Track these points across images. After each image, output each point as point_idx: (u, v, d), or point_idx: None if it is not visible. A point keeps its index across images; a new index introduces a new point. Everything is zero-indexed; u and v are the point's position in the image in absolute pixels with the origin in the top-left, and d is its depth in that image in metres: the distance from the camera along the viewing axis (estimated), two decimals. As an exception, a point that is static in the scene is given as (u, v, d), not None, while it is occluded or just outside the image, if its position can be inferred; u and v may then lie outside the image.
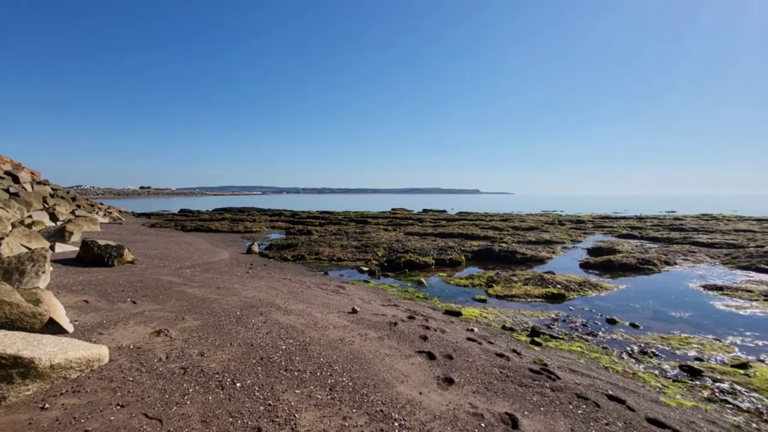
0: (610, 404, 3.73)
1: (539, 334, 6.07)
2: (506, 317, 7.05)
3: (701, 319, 7.10)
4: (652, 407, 3.82)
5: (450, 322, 6.52)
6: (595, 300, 8.32)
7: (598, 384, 4.25)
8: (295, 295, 7.44)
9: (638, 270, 11.29)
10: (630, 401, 3.84)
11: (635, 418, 3.50)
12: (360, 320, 5.95)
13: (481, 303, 8.13)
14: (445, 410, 3.36)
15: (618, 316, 7.07)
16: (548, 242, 17.25)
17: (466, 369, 4.32)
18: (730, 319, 7.05)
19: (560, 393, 3.85)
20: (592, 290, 8.91)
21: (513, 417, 3.28)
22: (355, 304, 7.04)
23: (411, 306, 7.50)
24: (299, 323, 5.52)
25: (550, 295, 8.49)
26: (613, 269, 11.42)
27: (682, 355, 5.47)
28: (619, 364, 5.07)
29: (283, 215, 33.74)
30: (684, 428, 3.43)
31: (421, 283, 9.76)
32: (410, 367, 4.28)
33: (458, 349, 4.96)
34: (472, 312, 7.25)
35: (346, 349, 4.64)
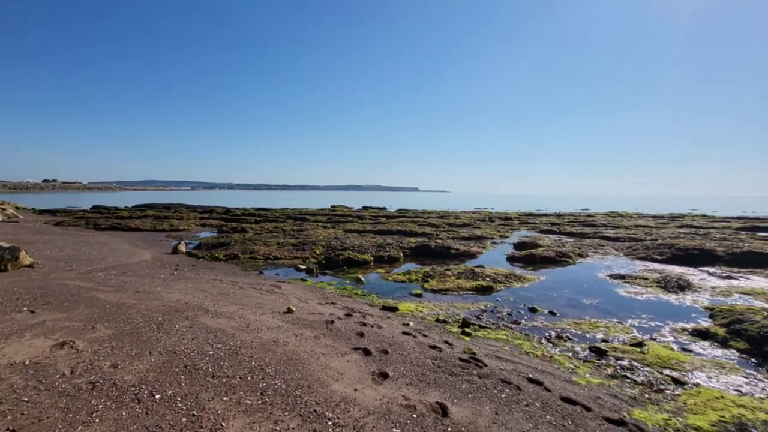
0: (530, 387, 4.05)
1: (469, 324, 6.41)
2: (440, 310, 7.34)
3: (607, 304, 7.99)
4: (566, 387, 4.22)
5: (387, 317, 6.62)
6: (520, 291, 8.99)
7: (520, 368, 4.60)
8: (226, 296, 7.05)
9: (556, 262, 12.41)
10: (547, 383, 4.21)
11: (551, 397, 3.84)
12: (296, 320, 5.80)
13: (417, 297, 8.37)
14: (379, 405, 3.41)
15: (539, 305, 7.71)
16: (479, 238, 18.27)
17: (401, 362, 4.42)
18: (630, 304, 8.02)
19: (486, 379, 4.09)
20: (516, 282, 9.61)
21: (443, 406, 3.42)
22: (291, 303, 6.86)
23: (349, 303, 7.49)
24: (230, 326, 5.24)
25: (480, 288, 8.99)
26: (535, 262, 12.42)
27: (591, 337, 6.12)
28: (539, 348, 5.53)
29: (215, 212, 31.81)
30: (591, 403, 3.83)
31: (360, 280, 9.79)
32: (346, 364, 4.28)
33: (394, 343, 5.05)
34: (408, 307, 7.43)
35: (279, 350, 4.50)
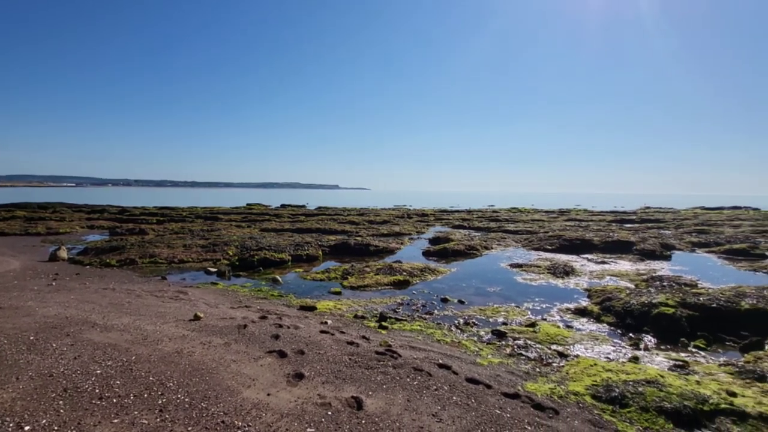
0: (440, 372, 4.32)
1: (387, 318, 6.61)
2: (359, 306, 7.43)
3: (508, 291, 8.86)
4: (471, 368, 4.59)
5: (305, 317, 6.51)
6: (434, 283, 9.52)
7: (431, 356, 4.88)
8: (119, 307, 6.28)
9: (466, 255, 13.40)
10: (455, 366, 4.53)
11: (458, 380, 4.15)
12: (203, 327, 5.40)
13: (336, 295, 8.37)
14: (294, 406, 3.35)
15: (450, 295, 8.24)
16: (398, 234, 18.88)
17: (318, 361, 4.39)
18: (526, 289, 9.00)
19: (400, 369, 4.27)
20: (431, 275, 10.15)
21: (358, 399, 3.49)
22: (199, 309, 6.36)
23: (264, 305, 7.20)
24: (123, 340, 4.68)
25: (397, 283, 9.31)
26: (447, 255, 13.25)
27: (494, 321, 6.73)
28: (449, 336, 5.93)
29: (108, 212, 28.03)
30: (492, 381, 4.23)
31: (277, 281, 9.46)
32: (259, 369, 4.11)
33: (311, 343, 4.99)
34: (327, 305, 7.39)
35: (183, 361, 4.16)
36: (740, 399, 3.98)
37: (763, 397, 4.11)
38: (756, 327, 6.18)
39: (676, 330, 6.18)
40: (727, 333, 6.12)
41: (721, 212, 36.53)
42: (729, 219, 26.83)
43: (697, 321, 6.35)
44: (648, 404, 3.77)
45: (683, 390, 3.99)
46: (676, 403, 3.76)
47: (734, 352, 5.62)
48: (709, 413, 3.72)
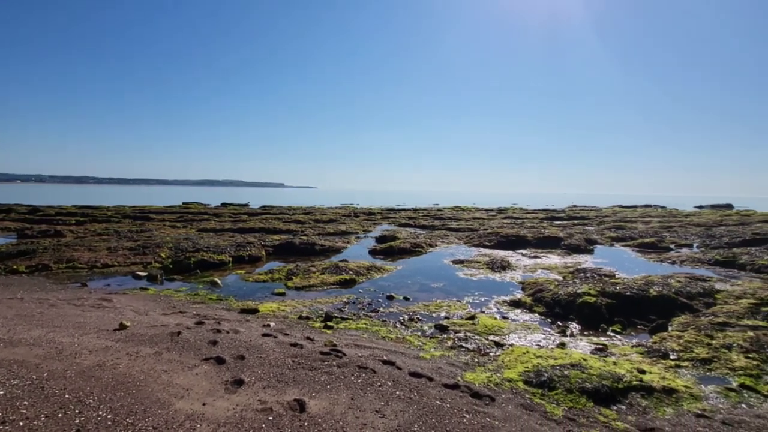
0: (384, 368, 4.38)
1: (332, 318, 6.55)
2: (303, 307, 7.29)
3: (450, 286, 9.20)
4: (414, 363, 4.71)
5: (246, 320, 6.25)
6: (380, 281, 9.61)
7: (376, 353, 4.92)
8: (28, 318, 5.58)
9: (412, 252, 13.69)
10: (399, 362, 4.61)
11: (401, 374, 4.23)
12: (131, 337, 4.98)
13: (280, 296, 8.14)
14: (232, 414, 3.20)
15: (395, 293, 8.38)
16: (345, 233, 18.80)
17: (259, 366, 4.24)
18: (467, 284, 9.41)
19: (345, 368, 4.26)
20: (377, 273, 10.24)
21: (301, 401, 3.43)
22: (126, 317, 5.85)
23: (201, 310, 6.81)
24: (33, 355, 4.17)
25: (343, 282, 9.27)
26: (393, 253, 13.45)
27: (437, 316, 6.96)
28: (394, 332, 6.02)
29: (15, 212, 24.78)
30: (433, 374, 4.37)
31: (216, 284, 8.98)
32: (194, 378, 3.88)
33: (252, 347, 4.81)
34: (270, 307, 7.16)
35: (106, 375, 3.80)
36: (648, 375, 4.50)
37: (666, 373, 4.67)
38: (662, 311, 7.02)
39: (597, 317, 6.82)
40: (639, 317, 6.86)
41: (635, 210, 40.94)
42: (641, 216, 30.13)
43: (615, 308, 7.05)
44: (572, 386, 4.13)
45: (602, 371, 4.42)
46: (596, 383, 4.15)
47: (644, 334, 6.32)
48: (623, 390, 4.16)
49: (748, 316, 6.56)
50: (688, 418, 3.74)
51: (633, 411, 3.85)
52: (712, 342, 5.56)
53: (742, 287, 8.66)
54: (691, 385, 4.36)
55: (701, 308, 7.21)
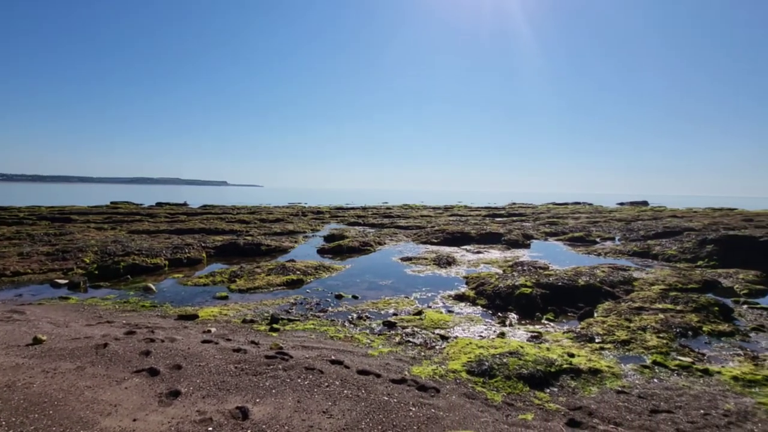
0: (332, 368, 4.34)
1: (278, 320, 6.37)
2: (248, 310, 7.01)
3: (398, 283, 9.34)
4: (362, 360, 4.72)
5: (183, 327, 5.88)
6: (328, 280, 9.51)
7: (324, 353, 4.87)
8: None
9: (360, 251, 13.71)
10: (347, 360, 4.60)
11: (349, 373, 4.22)
12: (47, 352, 4.47)
13: (223, 300, 7.76)
14: (167, 428, 3.00)
15: (344, 292, 8.34)
16: (292, 232, 18.36)
17: (198, 375, 4.01)
18: (414, 281, 9.61)
19: (291, 371, 4.16)
20: (325, 272, 10.13)
21: (244, 409, 3.29)
22: (41, 330, 5.25)
23: (133, 319, 6.29)
24: None
25: (290, 282, 9.05)
26: (342, 252, 13.37)
27: (385, 313, 7.03)
28: (342, 331, 5.99)
29: None
30: (381, 370, 4.41)
31: (149, 289, 8.34)
32: (123, 392, 3.58)
33: (190, 355, 4.53)
34: (211, 311, 6.80)
35: (17, 396, 3.38)
36: (576, 359, 4.90)
37: (591, 355, 5.12)
38: (589, 299, 7.67)
39: (533, 307, 7.29)
40: (569, 306, 7.44)
41: (567, 207, 44.36)
42: (572, 213, 32.72)
43: (548, 298, 7.59)
44: (510, 373, 4.38)
45: (537, 357, 4.74)
46: (531, 369, 4.45)
47: (574, 321, 6.87)
48: (555, 373, 4.49)
49: (660, 300, 7.38)
50: (610, 394, 4.13)
51: (564, 392, 4.17)
52: (631, 325, 6.19)
53: (655, 275, 9.74)
54: (613, 365, 4.82)
55: (622, 295, 8.00)
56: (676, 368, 4.77)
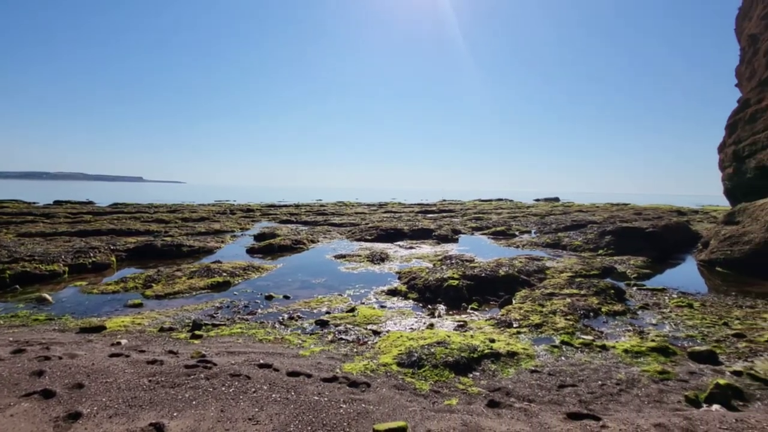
0: (259, 372, 4.17)
1: (201, 326, 5.96)
2: (166, 317, 6.47)
3: (332, 281, 9.28)
4: (293, 362, 4.61)
5: (87, 341, 5.24)
6: (258, 281, 9.12)
7: (252, 357, 4.67)
8: None
9: (293, 249, 13.36)
10: (276, 363, 4.46)
11: (278, 376, 4.10)
12: None
13: (136, 308, 7.06)
14: (63, 456, 2.65)
15: (274, 292, 8.07)
16: (218, 232, 17.29)
17: (103, 393, 3.60)
18: (348, 278, 9.61)
19: (215, 379, 3.92)
20: (255, 273, 9.70)
21: (159, 425, 3.03)
22: None
23: (22, 335, 5.46)
24: None
25: (216, 284, 8.53)
26: (273, 251, 12.92)
27: (318, 312, 6.94)
28: (272, 333, 5.79)
29: None
30: (312, 370, 4.35)
31: (44, 300, 7.30)
32: (8, 421, 3.09)
33: (94, 372, 4.05)
34: (121, 321, 6.15)
35: None
36: (497, 343, 5.28)
37: (510, 339, 5.55)
38: (508, 288, 8.30)
39: (459, 297, 7.71)
40: (491, 295, 7.99)
41: (491, 203, 47.52)
42: (495, 209, 35.13)
43: (473, 288, 8.08)
44: (437, 361, 4.59)
45: (461, 344, 5.02)
46: (456, 356, 4.70)
47: (495, 308, 7.39)
48: (477, 359, 4.79)
49: (567, 286, 8.24)
50: (525, 374, 4.52)
51: (485, 375, 4.48)
52: (543, 309, 6.83)
53: (564, 264, 10.85)
54: (528, 347, 5.28)
55: (536, 283, 8.79)
56: (580, 346, 5.37)
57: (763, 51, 11.92)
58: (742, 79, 13.84)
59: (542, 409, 3.65)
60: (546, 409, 3.68)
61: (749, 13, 13.30)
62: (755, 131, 11.73)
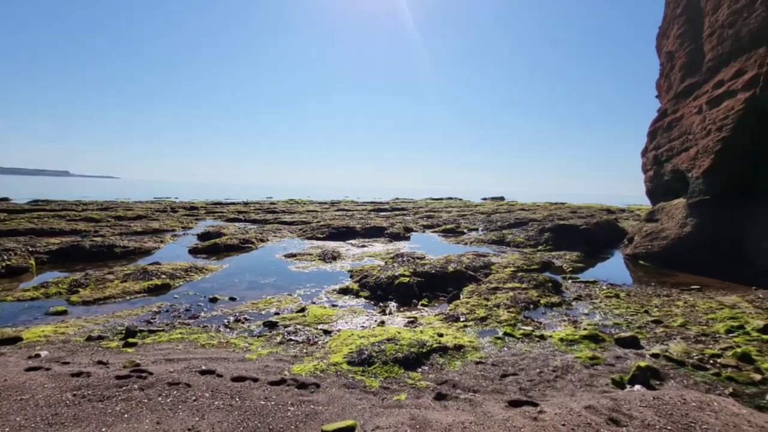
0: (201, 379, 3.96)
1: (136, 333, 5.54)
2: (95, 325, 5.93)
3: (282, 281, 9.03)
4: (238, 366, 4.42)
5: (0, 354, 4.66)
6: (201, 283, 8.65)
7: (193, 364, 4.41)
8: None
9: (240, 249, 12.83)
10: (220, 369, 4.25)
11: (222, 382, 3.91)
12: None
13: (60, 316, 6.41)
14: (-37, 487, 2.34)
15: (220, 294, 7.69)
16: (157, 231, 16.16)
17: (18, 412, 3.22)
18: (299, 277, 9.41)
19: (150, 389, 3.66)
20: (198, 274, 9.19)
21: (83, 443, 2.77)
22: None
23: None
24: None
25: (154, 288, 7.96)
26: (219, 251, 12.31)
27: (266, 313, 6.72)
28: (216, 337, 5.52)
29: None
30: (259, 373, 4.20)
31: (-57, 311, 6.38)
32: None
33: (7, 388, 3.62)
34: (41, 331, 5.55)
35: None
36: (445, 338, 5.43)
37: (457, 333, 5.74)
38: (456, 284, 8.58)
39: (410, 294, 7.84)
40: (441, 291, 8.21)
41: (441, 201, 48.87)
42: (445, 207, 36.17)
43: (424, 285, 8.25)
44: (387, 358, 4.64)
45: (411, 340, 5.11)
46: (406, 352, 4.78)
47: (444, 304, 7.60)
48: (426, 353, 4.91)
49: (510, 280, 8.69)
50: (471, 366, 4.70)
51: (433, 369, 4.60)
52: (488, 303, 7.14)
53: (507, 259, 11.42)
54: (474, 340, 5.50)
55: (482, 278, 9.17)
56: (521, 337, 5.69)
57: (679, 66, 13.35)
58: (661, 91, 15.40)
59: (486, 399, 3.82)
60: (489, 398, 3.85)
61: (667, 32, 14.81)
62: (671, 138, 13.12)
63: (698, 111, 11.62)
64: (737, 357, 4.90)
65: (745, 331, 5.82)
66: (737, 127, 9.77)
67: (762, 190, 9.91)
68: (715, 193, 10.64)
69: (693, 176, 11.33)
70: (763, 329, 5.77)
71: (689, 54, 12.71)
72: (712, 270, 10.05)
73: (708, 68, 11.55)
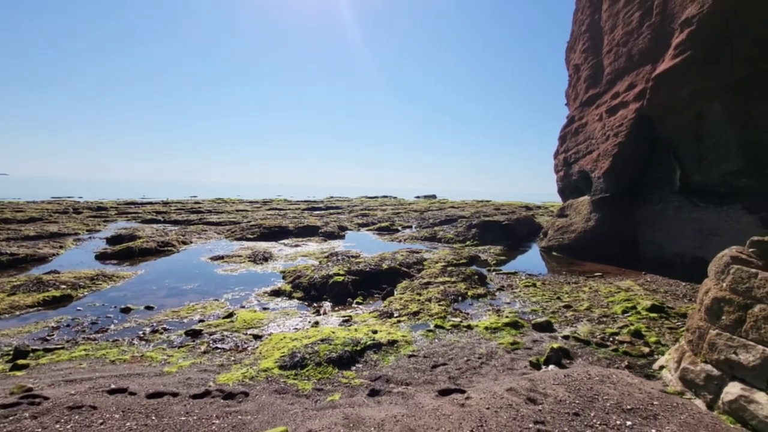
0: (110, 399, 3.55)
1: (27, 353, 4.80)
2: (-29, 348, 5.02)
3: (207, 285, 8.44)
4: (155, 381, 4.04)
5: None
6: (111, 292, 7.76)
7: (100, 383, 3.94)
8: None
9: (159, 252, 11.74)
10: (133, 386, 3.85)
11: (135, 401, 3.54)
12: None
13: None
14: None
15: (133, 303, 6.97)
16: (56, 235, 14.16)
17: None
18: (226, 281, 8.87)
19: (45, 416, 3.19)
20: (107, 282, 8.23)
21: (-48, 489, 2.32)
22: None
23: None
24: None
25: (51, 300, 6.97)
26: (133, 256, 11.15)
27: (189, 321, 6.24)
28: (129, 351, 4.99)
29: None
30: (180, 387, 3.88)
31: None
32: None
33: None
34: None
35: None
36: (379, 334, 5.49)
37: (390, 329, 5.84)
38: (391, 280, 8.73)
39: (345, 293, 7.81)
40: (375, 288, 8.30)
41: (377, 200, 49.45)
42: (380, 205, 36.64)
43: (359, 283, 8.27)
44: (321, 359, 4.56)
45: (345, 339, 5.08)
46: (340, 351, 4.74)
47: (379, 301, 7.70)
48: (360, 351, 4.92)
49: (441, 275, 9.06)
50: (404, 360, 4.81)
51: (367, 366, 4.62)
52: (420, 298, 7.37)
53: (439, 255, 11.90)
54: (407, 334, 5.64)
55: (415, 274, 9.44)
56: (451, 328, 5.96)
57: (584, 78, 14.98)
58: (570, 99, 17.17)
59: (418, 391, 3.94)
60: (421, 389, 3.97)
61: (574, 47, 16.53)
62: (578, 142, 14.70)
63: (599, 118, 13.15)
64: (631, 334, 5.64)
65: (637, 311, 6.72)
66: (629, 133, 11.24)
67: (648, 189, 11.53)
68: (613, 192, 12.13)
69: (595, 176, 12.81)
70: (650, 308, 6.70)
71: (593, 67, 14.31)
72: (611, 258, 11.46)
73: (607, 80, 13.11)
